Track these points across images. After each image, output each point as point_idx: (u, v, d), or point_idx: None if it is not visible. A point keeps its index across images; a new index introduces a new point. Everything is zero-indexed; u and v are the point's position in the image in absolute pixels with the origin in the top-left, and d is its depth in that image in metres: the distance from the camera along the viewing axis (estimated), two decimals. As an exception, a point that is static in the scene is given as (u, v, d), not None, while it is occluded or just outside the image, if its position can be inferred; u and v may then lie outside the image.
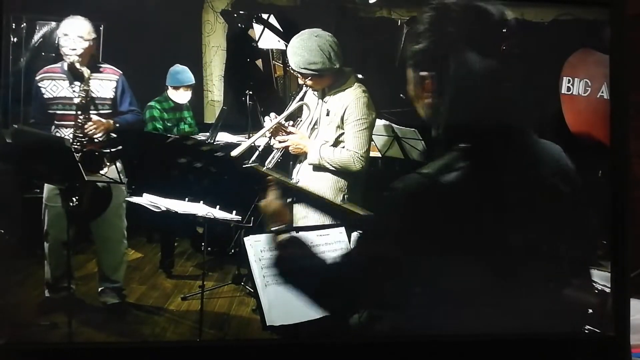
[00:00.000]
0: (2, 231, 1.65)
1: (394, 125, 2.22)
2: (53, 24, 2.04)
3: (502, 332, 1.52)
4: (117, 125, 2.09)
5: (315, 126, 2.03)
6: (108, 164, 2.05)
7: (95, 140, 2.04)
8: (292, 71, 2.05)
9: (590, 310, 1.65)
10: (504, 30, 1.30)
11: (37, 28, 2.05)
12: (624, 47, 1.62)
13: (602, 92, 1.90)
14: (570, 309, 1.53)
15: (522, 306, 1.40)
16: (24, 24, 2.00)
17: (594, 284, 1.71)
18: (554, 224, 1.35)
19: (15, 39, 1.88)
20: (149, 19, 1.93)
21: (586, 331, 1.65)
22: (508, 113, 1.32)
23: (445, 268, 1.33)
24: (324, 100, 2.00)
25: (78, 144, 2.02)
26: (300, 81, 2.02)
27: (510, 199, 1.32)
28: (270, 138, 2.00)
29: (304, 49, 1.93)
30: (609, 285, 1.63)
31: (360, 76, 2.04)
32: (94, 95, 2.05)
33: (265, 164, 2.00)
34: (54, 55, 2.05)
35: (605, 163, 1.64)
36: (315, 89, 2.01)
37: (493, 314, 1.41)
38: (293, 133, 1.98)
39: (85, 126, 2.02)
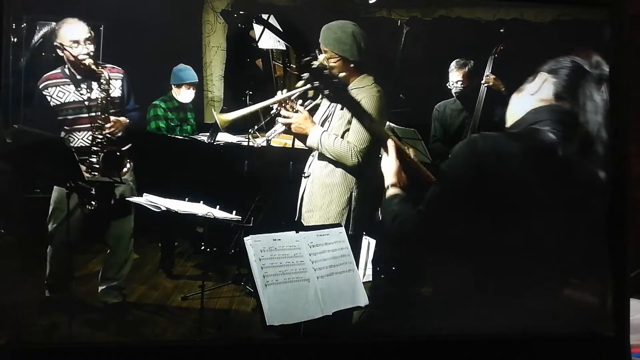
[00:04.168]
0: (2, 231, 1.65)
1: (393, 125, 2.22)
2: (53, 24, 2.04)
3: (502, 332, 1.52)
4: (130, 122, 2.10)
5: (329, 118, 2.03)
6: (128, 163, 2.07)
7: (114, 139, 2.04)
8: (317, 52, 2.04)
9: (590, 310, 1.65)
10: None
11: (37, 28, 2.06)
12: (624, 47, 1.62)
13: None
14: (570, 309, 1.53)
15: (523, 306, 1.40)
16: (24, 24, 2.00)
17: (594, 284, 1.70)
18: (552, 223, 1.34)
19: (15, 39, 1.88)
20: (150, 19, 1.93)
21: (586, 331, 1.65)
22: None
23: (444, 268, 1.33)
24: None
25: (99, 146, 2.02)
26: (323, 59, 2.02)
27: (508, 199, 1.31)
28: (278, 112, 2.00)
29: (340, 29, 1.99)
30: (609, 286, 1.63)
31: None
32: (111, 95, 2.05)
33: (266, 136, 2.06)
34: (54, 55, 2.05)
35: (605, 163, 1.64)
36: (334, 71, 1.99)
37: (493, 314, 1.41)
38: (300, 112, 1.97)
39: (106, 126, 2.03)
